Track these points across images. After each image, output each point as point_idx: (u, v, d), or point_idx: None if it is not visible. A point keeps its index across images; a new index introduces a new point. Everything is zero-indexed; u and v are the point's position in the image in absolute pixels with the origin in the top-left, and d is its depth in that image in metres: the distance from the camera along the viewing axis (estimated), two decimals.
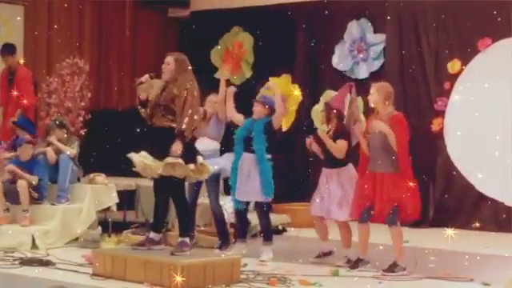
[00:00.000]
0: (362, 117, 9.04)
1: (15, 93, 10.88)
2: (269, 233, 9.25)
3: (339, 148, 8.76)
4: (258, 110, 9.21)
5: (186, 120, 8.00)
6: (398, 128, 8.28)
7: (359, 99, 9.29)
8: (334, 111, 8.99)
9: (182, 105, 8.06)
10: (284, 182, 9.35)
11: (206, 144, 9.37)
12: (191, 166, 8.09)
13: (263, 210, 9.22)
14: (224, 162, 9.39)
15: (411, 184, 8.24)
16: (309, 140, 9.16)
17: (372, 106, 8.54)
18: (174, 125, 8.06)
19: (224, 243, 9.40)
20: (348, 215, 8.70)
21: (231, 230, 9.95)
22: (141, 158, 8.04)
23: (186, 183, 8.61)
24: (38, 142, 10.69)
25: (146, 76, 8.29)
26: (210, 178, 8.92)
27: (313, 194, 9.08)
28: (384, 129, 8.18)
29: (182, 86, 8.16)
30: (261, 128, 9.08)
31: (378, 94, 8.47)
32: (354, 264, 8.52)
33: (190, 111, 8.03)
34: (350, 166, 8.87)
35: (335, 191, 8.79)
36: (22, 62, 11.34)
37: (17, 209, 9.98)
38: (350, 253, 8.81)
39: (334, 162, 8.84)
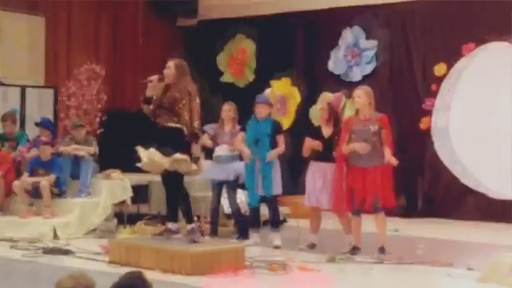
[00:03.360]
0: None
1: None
2: (278, 222, 9.30)
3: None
4: (263, 110, 9.18)
5: (197, 123, 8.13)
6: (387, 128, 8.42)
7: (350, 101, 9.31)
8: (333, 110, 9.10)
9: (188, 108, 8.14)
10: (284, 177, 9.35)
11: (225, 150, 9.43)
12: (194, 164, 8.23)
13: (274, 202, 9.24)
14: (242, 169, 9.40)
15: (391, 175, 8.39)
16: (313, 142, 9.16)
17: (358, 107, 8.57)
18: (178, 125, 8.15)
19: (242, 235, 9.43)
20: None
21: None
22: (149, 155, 8.11)
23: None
24: (57, 142, 10.75)
25: (156, 76, 8.35)
26: (230, 181, 9.22)
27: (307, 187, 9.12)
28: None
29: (183, 90, 8.23)
30: (268, 130, 9.08)
31: (365, 97, 8.51)
32: (353, 251, 8.56)
33: (196, 114, 8.15)
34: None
35: (328, 183, 8.82)
36: None
37: (40, 203, 10.01)
38: (350, 238, 8.82)
39: (327, 158, 8.87)
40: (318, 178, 8.89)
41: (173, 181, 8.48)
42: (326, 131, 9.00)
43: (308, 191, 9.00)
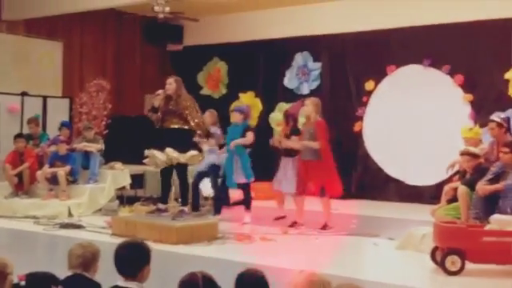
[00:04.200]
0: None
1: None
2: (249, 204, 9.21)
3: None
4: (236, 117, 9.18)
5: (203, 124, 8.23)
6: (319, 129, 8.36)
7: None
8: (292, 116, 9.12)
9: (195, 113, 8.17)
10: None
11: (206, 146, 9.37)
12: (199, 157, 8.25)
13: (247, 187, 9.19)
14: (221, 161, 9.36)
15: (333, 168, 8.42)
16: (276, 139, 9.16)
17: (306, 114, 8.60)
18: (185, 127, 8.14)
19: (217, 212, 9.34)
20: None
21: (211, 202, 9.98)
22: (168, 153, 8.06)
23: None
24: (72, 141, 10.69)
25: (161, 90, 8.34)
26: (213, 168, 9.14)
27: (275, 175, 9.12)
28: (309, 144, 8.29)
29: (187, 99, 8.22)
30: (240, 132, 9.06)
31: (311, 106, 8.52)
32: (292, 225, 8.57)
33: (202, 118, 8.24)
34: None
35: (291, 173, 8.84)
36: None
37: (57, 188, 9.93)
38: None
39: (290, 154, 8.89)
40: (284, 168, 8.91)
41: (179, 171, 8.40)
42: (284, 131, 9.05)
43: (278, 179, 9.01)
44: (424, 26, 11.25)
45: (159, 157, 8.14)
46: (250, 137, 8.94)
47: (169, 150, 8.10)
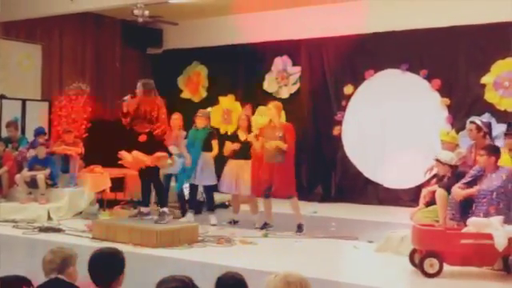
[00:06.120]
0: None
1: None
2: (213, 206, 9.22)
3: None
4: (201, 121, 9.16)
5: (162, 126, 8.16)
6: (289, 133, 8.40)
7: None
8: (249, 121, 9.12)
9: (157, 116, 8.10)
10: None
11: (172, 150, 9.33)
12: (169, 160, 8.21)
13: (210, 190, 9.21)
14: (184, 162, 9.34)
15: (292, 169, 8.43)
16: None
17: (269, 118, 8.58)
18: (152, 130, 8.10)
19: (184, 214, 9.36)
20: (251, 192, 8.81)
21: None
22: (134, 155, 8.04)
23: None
24: (50, 144, 10.59)
25: (128, 96, 8.28)
26: (180, 171, 9.04)
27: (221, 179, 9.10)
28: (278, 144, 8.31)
29: (151, 103, 8.17)
30: (203, 137, 9.05)
31: (274, 109, 8.51)
32: (263, 226, 8.58)
33: (164, 120, 8.17)
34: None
35: (247, 176, 8.83)
36: None
37: (36, 192, 9.85)
38: (257, 217, 8.89)
39: (245, 157, 8.88)
40: (236, 171, 8.91)
41: (150, 174, 8.39)
42: (243, 136, 9.02)
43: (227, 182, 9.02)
44: (402, 32, 11.35)
45: (127, 158, 8.12)
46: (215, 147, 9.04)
47: (135, 153, 8.08)
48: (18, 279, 3.35)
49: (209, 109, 9.69)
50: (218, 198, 9.73)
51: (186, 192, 9.69)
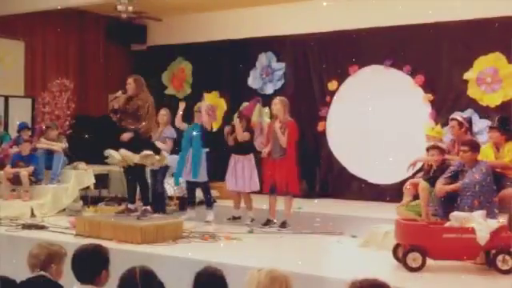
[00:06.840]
0: (267, 120, 9.13)
1: None
2: (211, 202, 9.22)
3: (244, 137, 8.84)
4: (199, 117, 9.16)
5: (148, 123, 8.14)
6: (292, 130, 8.47)
7: (266, 108, 9.36)
8: (245, 117, 9.10)
9: (145, 115, 8.10)
10: (214, 167, 9.33)
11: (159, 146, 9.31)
12: (157, 157, 8.20)
13: (206, 186, 9.18)
14: (172, 161, 9.29)
15: (295, 167, 8.50)
16: (227, 129, 9.17)
17: (275, 113, 8.64)
18: (139, 127, 8.09)
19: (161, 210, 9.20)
20: (249, 188, 8.81)
21: (177, 202, 9.95)
22: (122, 153, 8.03)
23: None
24: (34, 140, 10.51)
25: (120, 92, 8.25)
26: (161, 169, 8.97)
27: (226, 175, 9.09)
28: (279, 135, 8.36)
29: (144, 99, 8.16)
30: (198, 130, 9.04)
31: (280, 105, 8.58)
32: (266, 222, 8.58)
33: (151, 118, 8.17)
34: (252, 154, 8.95)
35: (242, 171, 8.84)
36: None
37: (20, 189, 9.79)
38: (252, 213, 8.89)
39: (242, 150, 8.88)
40: (244, 168, 8.90)
41: (136, 172, 8.37)
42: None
43: (231, 179, 8.99)
44: (385, 27, 11.37)
45: (115, 156, 8.10)
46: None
47: (122, 150, 8.07)
48: None
49: (206, 103, 9.60)
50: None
51: (167, 187, 9.68)
